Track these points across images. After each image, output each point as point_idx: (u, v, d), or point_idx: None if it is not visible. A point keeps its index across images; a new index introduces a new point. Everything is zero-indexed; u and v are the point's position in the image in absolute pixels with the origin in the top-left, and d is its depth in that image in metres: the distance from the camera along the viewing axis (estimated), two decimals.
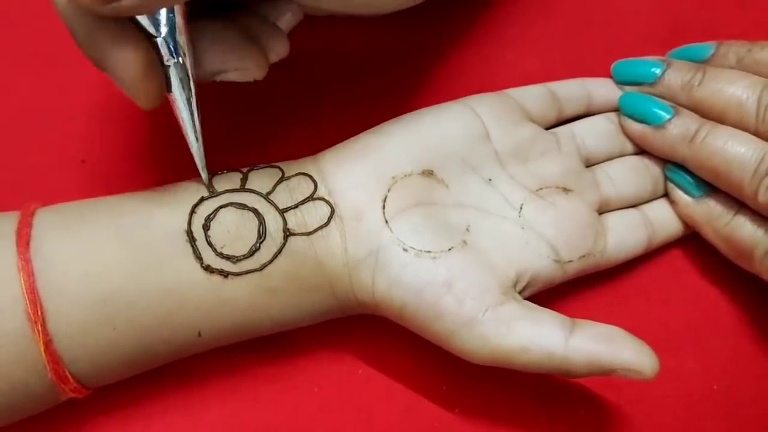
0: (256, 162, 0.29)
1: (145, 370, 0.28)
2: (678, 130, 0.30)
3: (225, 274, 0.26)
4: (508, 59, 0.35)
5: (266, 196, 0.27)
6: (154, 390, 0.29)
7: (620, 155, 0.33)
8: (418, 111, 0.30)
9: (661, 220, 0.32)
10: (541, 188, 0.30)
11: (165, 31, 0.24)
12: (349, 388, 0.30)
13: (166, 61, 0.24)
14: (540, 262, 0.29)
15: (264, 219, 0.27)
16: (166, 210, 0.27)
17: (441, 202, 0.28)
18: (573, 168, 0.31)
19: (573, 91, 0.33)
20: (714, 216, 0.31)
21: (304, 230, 0.27)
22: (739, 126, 0.29)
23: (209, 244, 0.26)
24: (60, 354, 0.25)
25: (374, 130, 0.30)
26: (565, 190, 0.31)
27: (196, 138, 0.26)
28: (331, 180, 0.28)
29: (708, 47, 0.33)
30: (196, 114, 0.26)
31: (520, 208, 0.29)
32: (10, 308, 0.24)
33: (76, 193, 0.28)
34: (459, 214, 0.28)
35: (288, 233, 0.27)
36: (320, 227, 0.27)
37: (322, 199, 0.28)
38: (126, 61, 0.23)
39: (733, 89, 0.30)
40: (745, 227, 0.29)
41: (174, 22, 0.24)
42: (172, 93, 0.25)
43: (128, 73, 0.23)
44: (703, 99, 0.31)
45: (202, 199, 0.27)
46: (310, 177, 0.28)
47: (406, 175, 0.28)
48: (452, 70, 0.35)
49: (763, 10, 0.36)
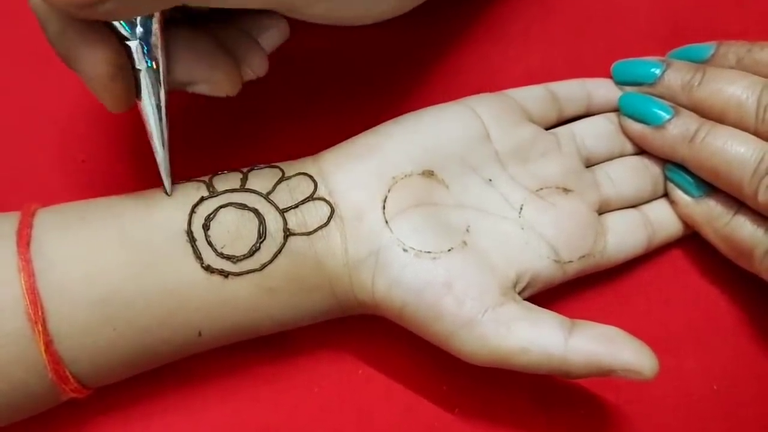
0: (256, 162, 0.29)
1: (146, 370, 0.28)
2: (678, 130, 0.30)
3: (225, 274, 0.26)
4: (509, 59, 0.35)
5: (266, 196, 0.27)
6: (154, 390, 0.29)
7: (620, 155, 0.33)
8: (419, 111, 0.30)
9: (661, 221, 0.32)
10: (542, 188, 0.30)
11: (139, 35, 0.23)
12: (349, 388, 0.30)
13: (137, 65, 0.24)
14: (540, 263, 0.29)
15: (264, 219, 0.27)
16: (166, 210, 0.27)
17: (441, 203, 0.28)
18: (573, 168, 0.31)
19: (573, 92, 0.33)
20: (714, 216, 0.31)
21: (304, 230, 0.27)
22: (739, 126, 0.29)
23: (209, 244, 0.26)
24: (60, 354, 0.25)
25: (374, 130, 0.29)
26: (565, 190, 0.31)
27: (162, 145, 0.26)
28: (332, 180, 0.28)
29: (708, 47, 0.33)
30: (164, 122, 0.26)
31: (520, 208, 0.29)
32: (11, 309, 0.24)
33: (77, 193, 0.28)
34: (459, 214, 0.28)
35: (288, 233, 0.27)
36: (320, 227, 0.27)
37: (323, 199, 0.28)
38: (95, 61, 0.22)
39: (733, 89, 0.30)
40: (745, 227, 0.29)
41: (150, 27, 0.23)
42: (141, 99, 0.25)
43: (96, 73, 0.23)
44: (702, 99, 0.31)
45: (202, 199, 0.27)
46: (311, 177, 0.28)
47: (406, 176, 0.28)
48: (452, 69, 0.35)
49: (763, 10, 0.36)
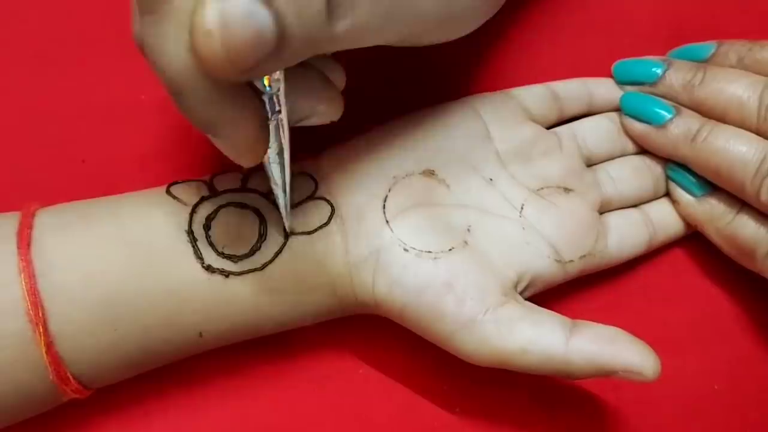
0: None
1: (146, 371, 0.28)
2: (679, 130, 0.30)
3: (226, 273, 0.26)
4: (510, 58, 0.35)
5: (267, 196, 0.27)
6: (154, 389, 0.29)
7: (621, 155, 0.33)
8: (419, 111, 0.30)
9: (662, 220, 0.32)
10: (542, 188, 0.30)
11: (275, 86, 0.22)
12: (349, 388, 0.30)
13: (271, 116, 0.22)
14: (541, 263, 0.29)
15: (265, 218, 0.27)
16: (166, 210, 0.26)
17: (442, 202, 0.28)
18: (574, 168, 0.31)
19: (574, 91, 0.33)
20: (716, 215, 0.31)
21: (305, 230, 0.27)
22: (741, 125, 0.29)
23: (210, 243, 0.26)
24: (61, 355, 0.25)
25: (375, 130, 0.29)
26: (566, 190, 0.30)
27: (284, 191, 0.25)
28: (332, 179, 0.28)
29: (709, 47, 0.33)
30: (287, 167, 0.25)
31: (521, 208, 0.29)
32: (12, 310, 0.24)
33: (77, 193, 0.28)
34: (460, 214, 0.28)
35: (289, 233, 0.27)
36: (321, 227, 0.27)
37: (323, 198, 0.28)
38: (245, 122, 0.21)
39: (734, 88, 0.30)
40: (747, 226, 0.29)
41: (276, 74, 0.22)
42: (269, 149, 0.24)
43: (246, 134, 0.22)
44: (704, 98, 0.31)
45: (203, 199, 0.27)
46: (311, 176, 0.28)
47: (407, 175, 0.28)
48: (453, 69, 0.35)
49: (763, 10, 0.36)
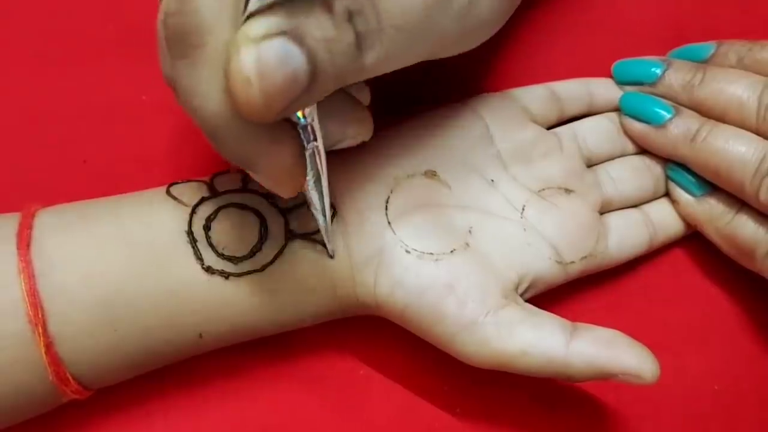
0: None
1: (147, 371, 0.28)
2: (679, 130, 0.30)
3: (226, 275, 0.26)
4: (510, 59, 0.35)
5: (267, 197, 0.27)
6: (154, 390, 0.29)
7: (621, 155, 0.33)
8: (420, 112, 0.30)
9: (662, 220, 0.32)
10: (543, 189, 0.30)
11: (309, 117, 0.22)
12: (349, 388, 0.30)
13: (306, 146, 0.22)
14: (542, 264, 0.29)
15: (265, 219, 0.27)
16: (166, 210, 0.26)
17: (443, 204, 0.28)
18: (575, 169, 0.31)
19: (574, 91, 0.33)
20: (715, 215, 0.31)
21: (305, 231, 0.27)
22: (740, 125, 0.29)
23: (210, 244, 0.26)
24: (61, 356, 0.24)
25: (376, 131, 0.29)
26: (567, 190, 0.30)
27: (325, 217, 0.25)
28: (333, 180, 0.28)
29: (708, 47, 0.33)
30: (326, 193, 0.25)
31: (522, 209, 0.29)
32: (11, 311, 0.24)
33: (77, 193, 0.28)
34: (461, 215, 0.28)
35: (289, 234, 0.27)
36: None
37: None
38: (283, 156, 0.21)
39: (734, 88, 0.30)
40: (747, 226, 0.29)
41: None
42: (307, 177, 0.23)
43: (283, 167, 0.21)
44: (703, 98, 0.30)
45: (203, 200, 0.27)
46: None
47: (408, 176, 0.28)
48: (454, 70, 0.35)
49: (763, 10, 0.36)
